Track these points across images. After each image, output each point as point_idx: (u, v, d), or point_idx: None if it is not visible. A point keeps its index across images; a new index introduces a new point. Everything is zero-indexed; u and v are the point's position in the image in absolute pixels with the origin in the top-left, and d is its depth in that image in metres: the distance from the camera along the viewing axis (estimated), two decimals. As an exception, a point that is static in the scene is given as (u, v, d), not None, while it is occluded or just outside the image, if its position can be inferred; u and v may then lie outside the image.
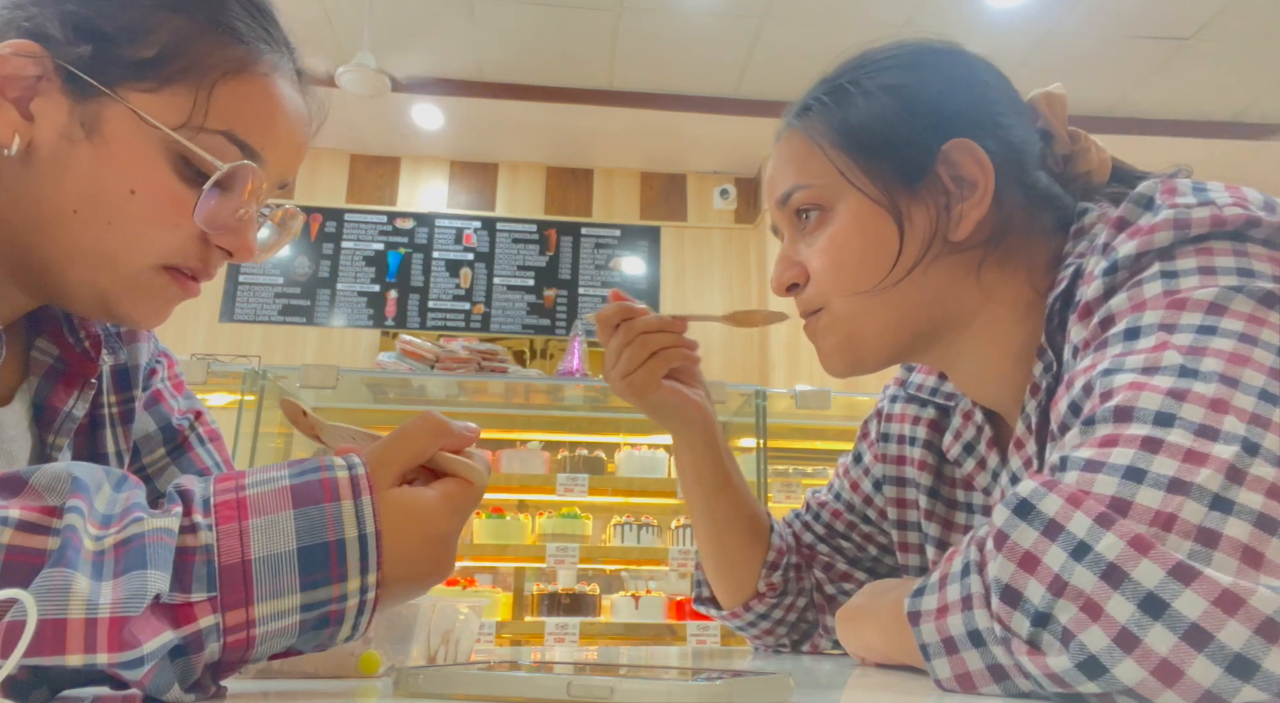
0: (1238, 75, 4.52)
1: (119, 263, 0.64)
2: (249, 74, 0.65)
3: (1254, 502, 0.46)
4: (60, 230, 0.63)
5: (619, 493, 3.63)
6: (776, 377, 4.98)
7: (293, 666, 0.62)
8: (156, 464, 0.82)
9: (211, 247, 0.67)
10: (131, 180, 0.62)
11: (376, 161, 5.58)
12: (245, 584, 0.45)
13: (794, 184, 0.79)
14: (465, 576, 3.64)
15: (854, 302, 0.77)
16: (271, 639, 0.46)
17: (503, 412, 3.84)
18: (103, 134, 0.62)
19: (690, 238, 5.63)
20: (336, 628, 0.48)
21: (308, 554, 0.46)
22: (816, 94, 0.81)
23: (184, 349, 4.52)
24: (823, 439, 3.94)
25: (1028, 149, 0.77)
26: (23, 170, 0.62)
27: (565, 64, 4.68)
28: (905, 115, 0.76)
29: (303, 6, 4.15)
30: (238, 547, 0.45)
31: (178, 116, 0.62)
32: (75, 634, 0.40)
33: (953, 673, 0.51)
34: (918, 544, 0.91)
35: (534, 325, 5.44)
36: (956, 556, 0.54)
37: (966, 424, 0.85)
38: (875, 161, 0.75)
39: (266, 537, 0.46)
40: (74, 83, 0.61)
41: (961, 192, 0.75)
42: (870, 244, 0.75)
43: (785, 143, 0.82)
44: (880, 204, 0.75)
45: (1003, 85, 0.80)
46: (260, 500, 0.47)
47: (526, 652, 1.34)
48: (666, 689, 0.41)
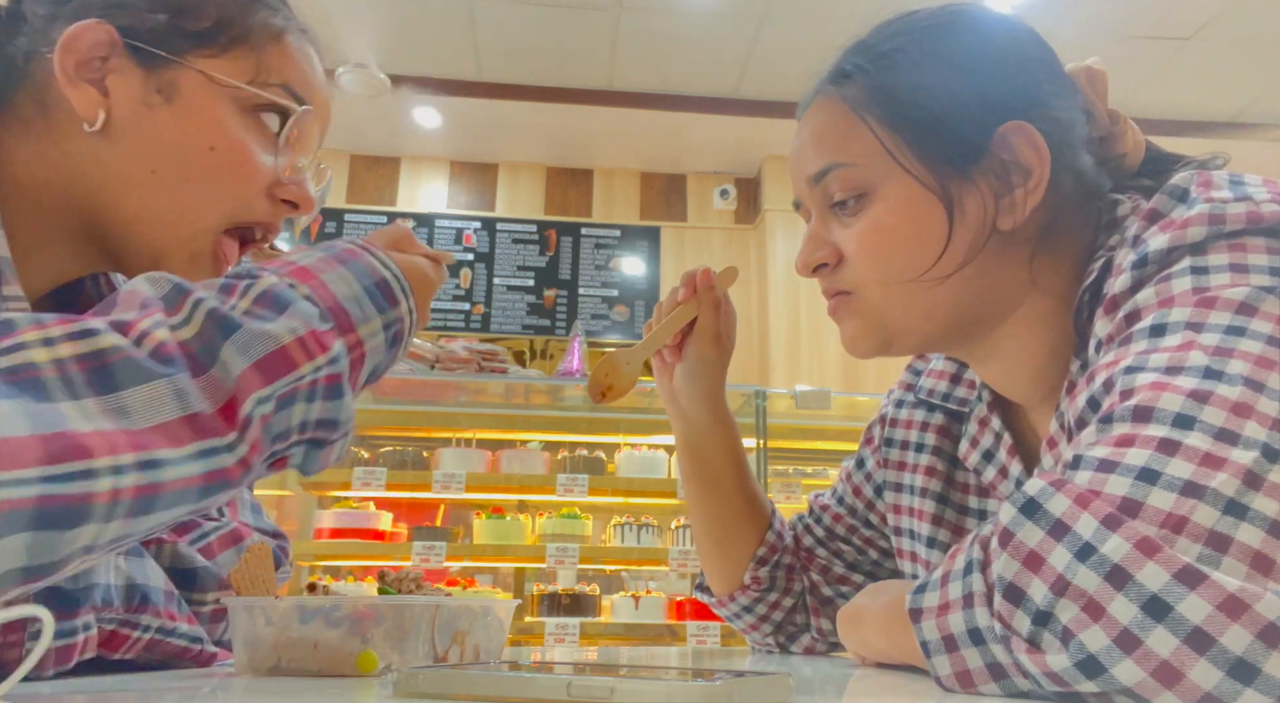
0: (1238, 75, 4.52)
1: (190, 221, 0.69)
2: (286, 39, 0.73)
3: (1270, 508, 0.45)
4: (136, 191, 0.68)
5: (619, 493, 3.62)
6: (776, 377, 4.98)
7: (290, 662, 0.62)
8: None
9: (277, 201, 0.73)
10: (211, 138, 0.68)
11: (376, 162, 5.58)
12: (346, 314, 0.56)
13: (831, 161, 0.73)
14: (465, 576, 3.63)
15: (891, 289, 0.73)
16: (371, 356, 0.58)
17: (503, 412, 3.84)
18: (182, 97, 0.68)
19: (690, 238, 5.63)
20: (398, 346, 0.60)
21: (371, 290, 0.58)
22: (855, 60, 0.75)
23: (184, 349, 4.52)
24: (823, 439, 3.94)
25: (1076, 131, 0.73)
26: (101, 139, 0.67)
27: (565, 64, 4.68)
28: (960, 91, 0.70)
29: (303, 6, 4.14)
30: (327, 294, 0.56)
31: (245, 76, 0.70)
32: (296, 352, 0.51)
33: (952, 671, 0.51)
34: (910, 551, 0.90)
35: (534, 326, 5.44)
36: (960, 553, 0.54)
37: (983, 431, 0.82)
38: (927, 141, 0.70)
39: (340, 284, 0.57)
40: (142, 56, 0.67)
41: (1015, 178, 0.70)
42: (917, 232, 0.71)
43: (820, 112, 0.76)
44: (931, 189, 0.70)
45: (1050, 58, 0.75)
46: (317, 266, 0.57)
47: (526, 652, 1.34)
48: (666, 689, 0.41)
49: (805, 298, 5.19)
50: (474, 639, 0.69)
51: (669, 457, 3.64)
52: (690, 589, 3.67)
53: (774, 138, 5.23)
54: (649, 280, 5.55)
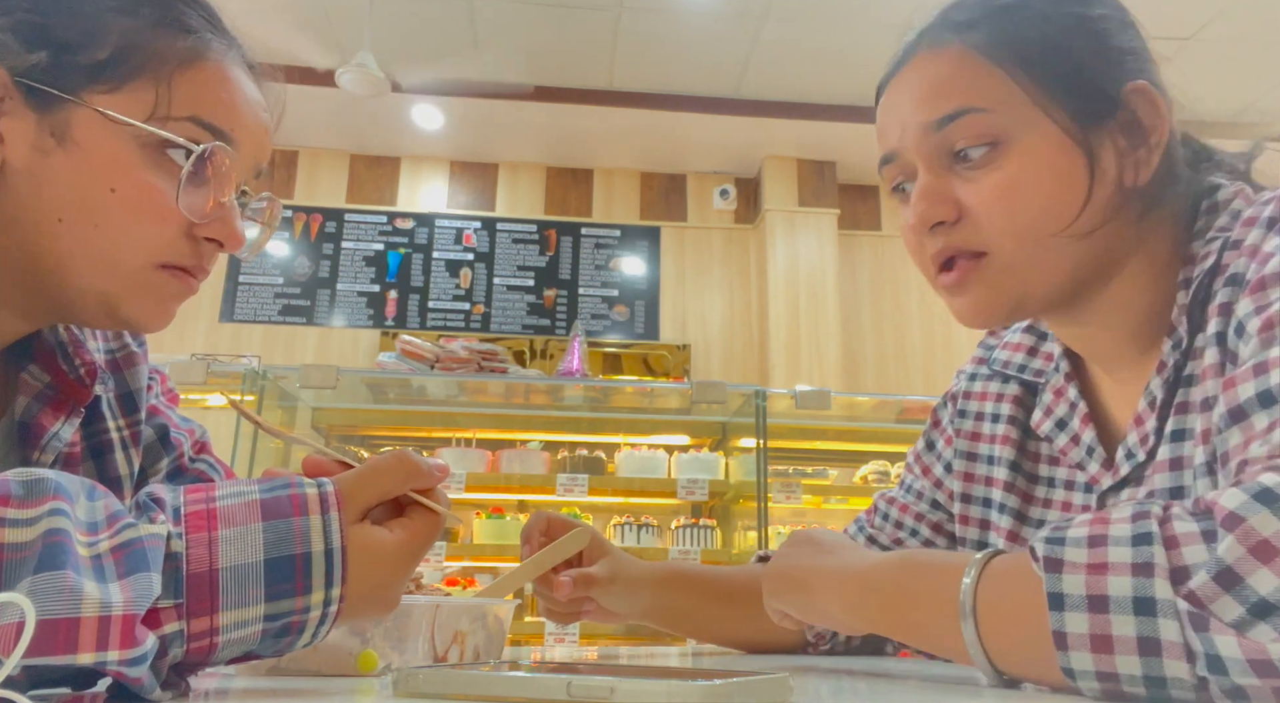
0: (1238, 75, 4.52)
1: (115, 263, 0.65)
2: (202, 62, 0.67)
3: None
4: (50, 241, 0.63)
5: (619, 493, 3.62)
6: (776, 377, 4.98)
7: (290, 662, 0.62)
8: (159, 478, 0.83)
9: (200, 239, 0.68)
10: (110, 180, 0.63)
11: (376, 161, 5.58)
12: (211, 593, 0.46)
13: (963, 105, 0.70)
14: (465, 576, 3.63)
15: (1031, 246, 0.70)
16: (233, 646, 0.47)
17: (503, 412, 3.83)
18: (74, 139, 0.62)
19: (690, 238, 5.63)
20: (297, 637, 0.49)
21: (274, 566, 0.47)
22: (970, 12, 0.72)
23: (184, 349, 4.52)
24: (823, 439, 3.94)
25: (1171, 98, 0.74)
26: (4, 189, 0.62)
27: (565, 64, 4.68)
28: (1092, 46, 0.70)
29: (303, 6, 4.15)
30: (206, 556, 0.46)
31: (143, 111, 0.64)
32: (88, 633, 0.41)
33: (1089, 631, 0.49)
34: (980, 517, 0.90)
35: (534, 326, 5.44)
36: (1114, 522, 0.52)
37: (1058, 400, 0.83)
38: (1070, 92, 0.69)
39: (235, 547, 0.47)
40: (35, 96, 0.62)
41: (1139, 136, 0.70)
42: (1061, 184, 0.69)
43: (938, 60, 0.72)
44: (1075, 139, 0.69)
45: (1140, 32, 0.75)
46: (230, 512, 0.48)
47: (526, 652, 1.34)
48: (666, 689, 0.41)
49: (805, 298, 5.19)
50: (474, 639, 0.69)
51: (669, 457, 3.65)
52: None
53: (774, 138, 5.23)
54: (649, 280, 5.55)
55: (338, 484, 0.52)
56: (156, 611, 0.45)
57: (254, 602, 0.47)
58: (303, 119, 5.07)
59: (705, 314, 5.49)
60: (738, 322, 5.48)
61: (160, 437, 0.83)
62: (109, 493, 0.49)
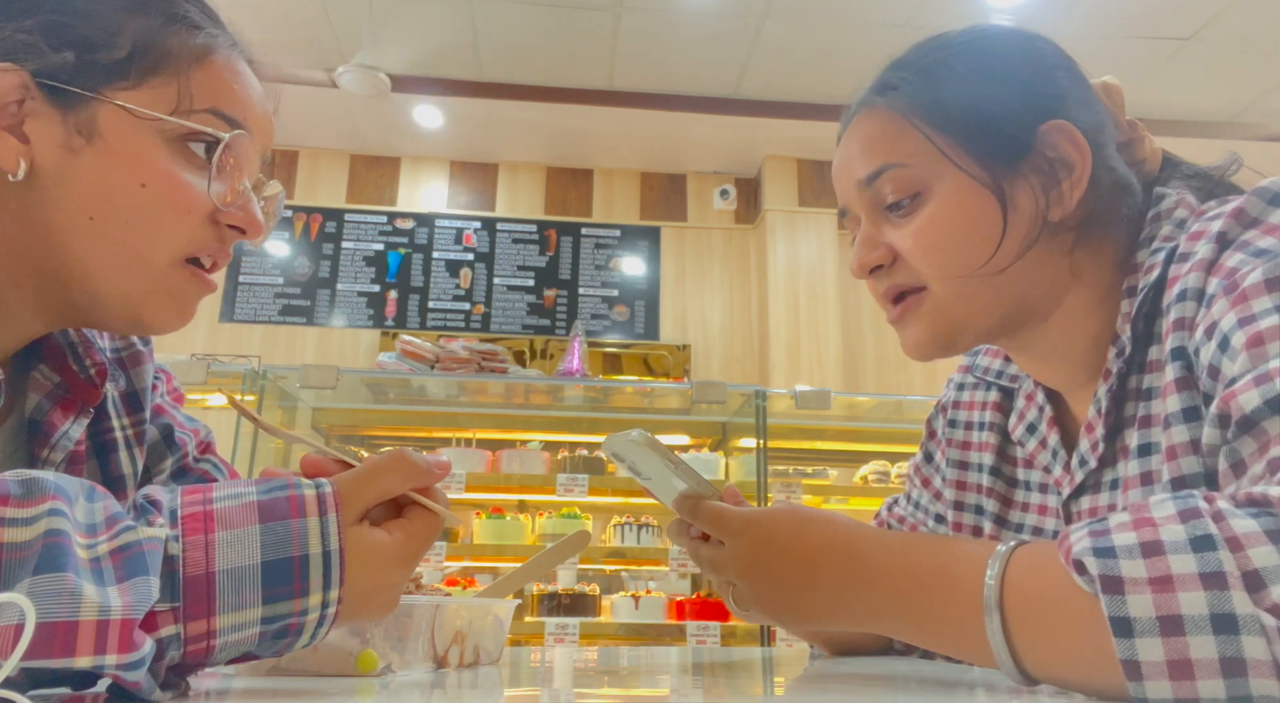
0: (1238, 75, 4.52)
1: (145, 261, 0.65)
2: (213, 57, 0.69)
3: None
4: (80, 240, 0.64)
5: (619, 493, 3.62)
6: (776, 377, 4.98)
7: (290, 662, 0.62)
8: (163, 478, 0.83)
9: (224, 228, 0.69)
10: (140, 174, 0.64)
11: (376, 161, 5.58)
12: (208, 596, 0.46)
13: (884, 163, 0.76)
14: (465, 576, 3.63)
15: (955, 285, 0.75)
16: (230, 648, 0.47)
17: (503, 412, 3.84)
18: (102, 136, 0.63)
19: (690, 238, 5.63)
20: (294, 639, 0.49)
21: (271, 569, 0.47)
22: (898, 74, 0.79)
23: (184, 349, 4.52)
24: (823, 439, 3.94)
25: (1108, 132, 0.77)
26: (29, 191, 0.63)
27: (565, 64, 4.68)
28: (1004, 96, 0.75)
29: (303, 6, 4.15)
30: (203, 559, 0.46)
31: (165, 105, 0.65)
32: (86, 637, 0.41)
33: (1166, 658, 0.44)
34: (972, 525, 0.91)
35: (534, 326, 5.44)
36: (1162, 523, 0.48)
37: (1029, 405, 0.86)
38: (976, 141, 0.74)
39: (232, 550, 0.47)
40: (59, 96, 0.63)
41: (1060, 172, 0.74)
42: (974, 225, 0.74)
43: (867, 122, 0.79)
44: (984, 184, 0.74)
45: (1073, 66, 0.79)
46: (227, 514, 0.48)
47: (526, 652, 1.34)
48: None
49: (805, 298, 5.19)
50: (474, 639, 0.69)
51: (669, 457, 3.64)
52: (690, 589, 3.67)
53: (774, 138, 5.24)
54: (649, 280, 5.55)
55: (336, 485, 0.52)
56: (154, 614, 0.45)
57: (251, 605, 0.47)
58: (303, 119, 5.07)
59: (705, 314, 5.49)
60: (738, 322, 5.48)
61: (165, 436, 0.83)
62: (108, 494, 0.49)
